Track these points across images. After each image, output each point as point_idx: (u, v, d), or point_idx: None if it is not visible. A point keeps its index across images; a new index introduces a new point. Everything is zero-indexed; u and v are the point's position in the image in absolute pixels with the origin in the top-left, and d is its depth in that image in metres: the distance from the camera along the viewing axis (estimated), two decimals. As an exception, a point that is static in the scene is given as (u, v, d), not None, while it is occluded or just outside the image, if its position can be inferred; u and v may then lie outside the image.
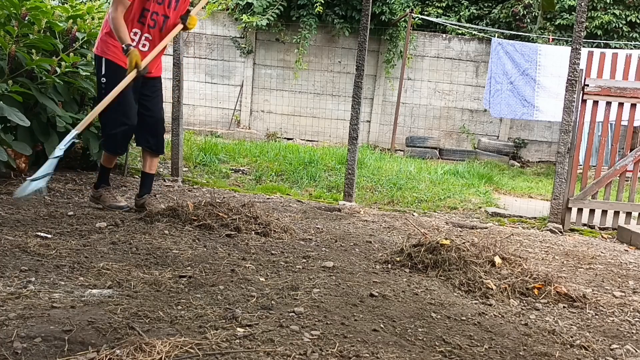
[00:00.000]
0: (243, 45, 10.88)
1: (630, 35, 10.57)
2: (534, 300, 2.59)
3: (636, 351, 2.13)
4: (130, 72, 3.33)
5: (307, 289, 2.40)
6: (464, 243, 2.92)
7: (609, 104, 4.89)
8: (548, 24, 10.93)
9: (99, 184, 3.72)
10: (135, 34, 3.47)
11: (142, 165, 3.85)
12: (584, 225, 5.02)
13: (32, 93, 3.89)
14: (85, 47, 4.55)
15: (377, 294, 2.43)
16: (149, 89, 3.67)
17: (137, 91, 3.57)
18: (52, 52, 4.21)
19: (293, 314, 2.09)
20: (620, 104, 4.89)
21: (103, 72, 3.48)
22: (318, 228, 3.78)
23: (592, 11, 10.63)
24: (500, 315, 2.36)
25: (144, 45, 3.51)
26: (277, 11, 10.30)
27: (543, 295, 2.62)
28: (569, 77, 4.71)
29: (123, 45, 3.34)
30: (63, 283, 2.23)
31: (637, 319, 2.51)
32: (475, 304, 2.48)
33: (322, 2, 9.96)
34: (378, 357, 1.78)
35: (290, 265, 2.80)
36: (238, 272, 2.57)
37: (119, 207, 3.63)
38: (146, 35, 3.51)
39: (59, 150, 3.10)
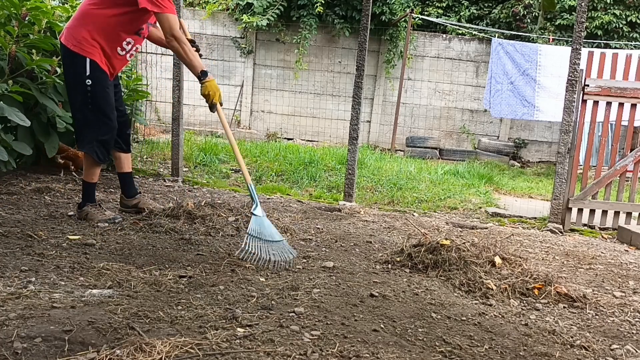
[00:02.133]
0: (243, 46, 10.88)
1: (631, 35, 10.58)
2: (534, 301, 2.58)
3: (636, 351, 2.13)
4: (214, 103, 3.17)
5: (307, 289, 2.40)
6: (464, 243, 2.92)
7: (609, 104, 4.89)
8: (548, 24, 10.94)
9: (84, 202, 3.37)
10: (128, 43, 3.26)
11: (116, 167, 3.63)
12: (584, 225, 5.02)
13: (32, 93, 3.90)
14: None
15: (377, 294, 2.43)
16: (115, 89, 3.45)
17: None
18: (52, 52, 4.21)
19: (293, 314, 2.09)
20: (621, 104, 4.89)
21: (88, 73, 3.13)
22: (318, 228, 3.78)
23: (593, 11, 10.64)
24: (500, 316, 2.36)
25: (131, 55, 3.34)
26: (277, 11, 10.31)
27: (543, 296, 2.62)
28: (569, 77, 4.71)
29: (198, 72, 3.13)
30: (63, 283, 2.23)
31: (637, 319, 2.51)
32: (476, 304, 2.48)
33: (323, 2, 9.96)
34: (378, 357, 1.78)
35: (290, 265, 2.80)
36: (238, 272, 2.57)
37: (110, 220, 3.30)
38: (137, 46, 3.36)
39: (258, 207, 2.92)
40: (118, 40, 3.21)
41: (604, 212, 5.00)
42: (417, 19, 10.58)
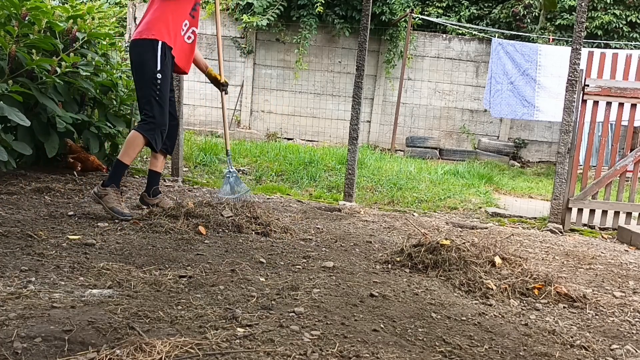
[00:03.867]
0: (243, 45, 10.88)
1: (631, 35, 10.58)
2: (534, 301, 2.58)
3: (636, 351, 2.13)
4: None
5: (307, 289, 2.40)
6: (464, 243, 2.92)
7: (609, 104, 4.89)
8: (548, 24, 10.94)
9: (109, 181, 3.38)
10: (185, 25, 3.51)
11: (151, 164, 3.79)
12: (584, 225, 5.02)
13: (32, 93, 3.90)
14: (85, 47, 4.56)
15: (377, 294, 2.42)
16: (172, 91, 3.70)
17: None
18: (52, 52, 4.21)
19: (293, 314, 2.09)
20: (621, 104, 4.89)
21: (159, 67, 3.36)
22: (318, 228, 3.78)
23: (593, 11, 10.64)
24: (500, 316, 2.36)
25: (189, 38, 3.56)
26: (277, 11, 10.31)
27: (543, 296, 2.62)
28: (569, 77, 4.71)
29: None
30: (63, 283, 2.23)
31: (637, 319, 2.51)
32: (476, 304, 2.48)
33: (323, 2, 9.96)
34: (378, 357, 1.78)
35: (290, 265, 2.80)
36: (238, 272, 2.57)
37: (122, 214, 3.32)
38: (193, 28, 3.57)
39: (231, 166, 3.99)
40: (179, 24, 3.45)
41: (604, 212, 5.00)
42: (417, 19, 10.59)
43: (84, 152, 4.74)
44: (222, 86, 4.05)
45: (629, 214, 4.96)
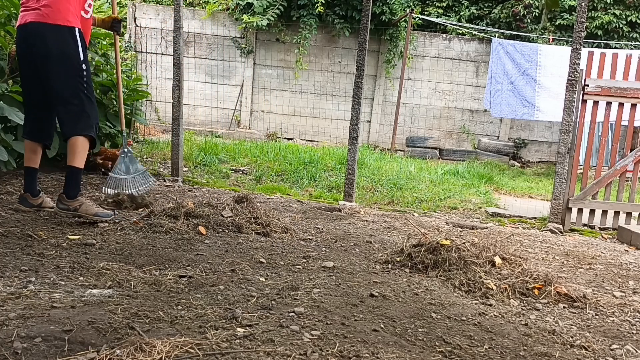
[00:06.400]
0: (243, 45, 10.88)
1: (631, 35, 10.58)
2: (534, 301, 2.58)
3: (636, 351, 2.13)
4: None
5: (307, 289, 2.40)
6: (464, 243, 2.92)
7: (609, 104, 4.89)
8: (548, 24, 10.95)
9: (76, 191, 3.14)
10: (89, 5, 3.26)
11: (34, 162, 3.32)
12: (584, 225, 5.02)
13: (32, 93, 3.89)
14: (85, 47, 4.55)
15: (377, 294, 2.42)
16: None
17: None
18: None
19: (293, 314, 2.09)
20: (621, 104, 4.89)
21: (82, 56, 3.08)
22: (318, 228, 3.78)
23: (593, 11, 10.64)
24: (500, 316, 2.36)
25: (86, 12, 3.25)
26: (277, 11, 10.31)
27: (543, 296, 2.62)
28: (569, 77, 4.71)
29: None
30: (63, 283, 2.23)
31: (637, 319, 2.51)
32: (476, 304, 2.48)
33: (323, 2, 9.96)
34: (378, 357, 1.78)
35: (290, 265, 2.80)
36: (238, 272, 2.57)
37: (107, 214, 3.23)
38: (90, 1, 3.28)
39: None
40: (82, 3, 3.18)
41: (604, 212, 5.00)
42: (417, 18, 10.58)
43: (109, 150, 4.97)
44: (116, 25, 3.62)
45: (629, 214, 4.96)
